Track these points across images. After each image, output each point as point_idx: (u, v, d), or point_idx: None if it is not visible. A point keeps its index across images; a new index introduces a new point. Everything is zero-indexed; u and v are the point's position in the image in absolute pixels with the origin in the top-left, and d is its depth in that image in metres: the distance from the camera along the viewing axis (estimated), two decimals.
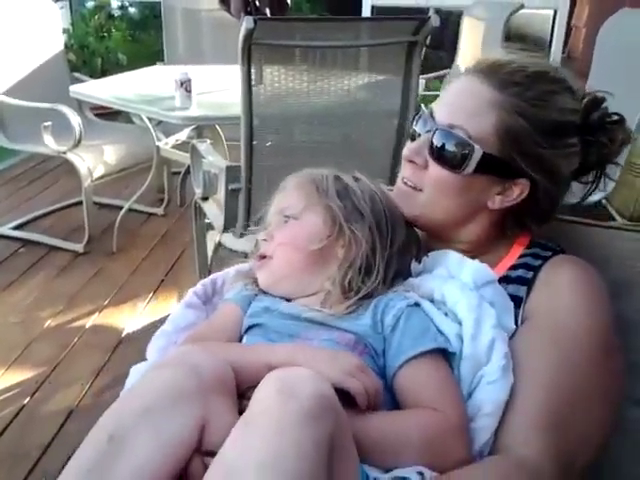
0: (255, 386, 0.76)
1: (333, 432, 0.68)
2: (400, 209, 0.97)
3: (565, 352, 0.86)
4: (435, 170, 0.94)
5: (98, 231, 3.25)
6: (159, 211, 3.59)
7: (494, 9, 3.60)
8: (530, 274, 0.94)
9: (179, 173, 3.58)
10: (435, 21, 1.96)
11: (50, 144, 2.97)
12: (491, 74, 0.92)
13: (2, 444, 1.94)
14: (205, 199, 2.27)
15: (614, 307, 0.91)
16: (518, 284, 0.93)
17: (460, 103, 0.93)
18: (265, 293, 0.97)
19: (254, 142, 2.01)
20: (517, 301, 0.91)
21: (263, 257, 0.97)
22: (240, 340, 0.94)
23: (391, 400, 0.83)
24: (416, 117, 0.99)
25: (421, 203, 0.96)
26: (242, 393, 0.81)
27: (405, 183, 0.97)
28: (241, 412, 0.76)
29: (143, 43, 5.71)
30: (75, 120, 2.92)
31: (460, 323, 0.87)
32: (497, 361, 0.83)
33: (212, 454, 0.72)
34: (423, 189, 0.95)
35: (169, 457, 0.72)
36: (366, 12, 4.73)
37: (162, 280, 2.91)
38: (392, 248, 0.93)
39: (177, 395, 0.74)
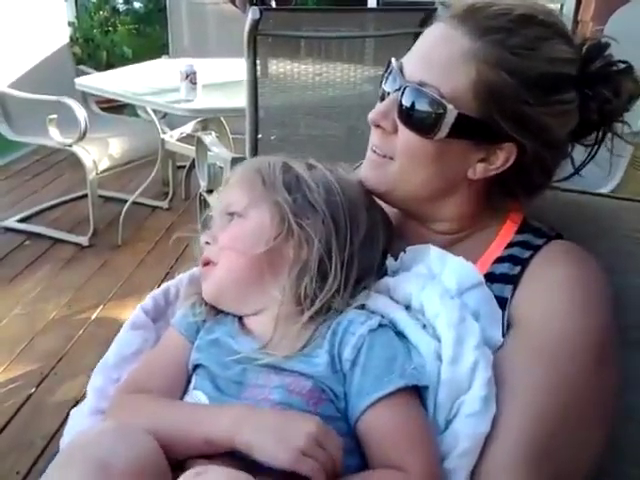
0: (193, 457, 0.68)
1: None
2: (368, 184, 0.85)
3: (556, 369, 0.75)
4: (405, 135, 0.81)
5: (103, 224, 3.25)
6: (164, 204, 3.59)
7: None
8: (517, 269, 0.82)
9: (184, 167, 3.57)
10: (442, 12, 1.95)
11: (55, 137, 2.97)
12: (468, 19, 0.78)
13: (8, 434, 1.95)
14: (210, 192, 2.26)
15: (619, 280, 0.84)
16: (503, 283, 0.82)
17: (432, 55, 0.79)
18: (216, 313, 0.86)
19: (259, 135, 2.01)
20: (501, 302, 0.80)
21: (207, 263, 0.85)
22: (188, 379, 0.83)
23: (356, 447, 0.73)
24: (385, 74, 0.85)
25: (392, 174, 0.83)
26: (179, 464, 0.70)
27: (374, 152, 0.85)
28: None
29: (148, 37, 5.71)
30: (80, 113, 2.92)
31: (440, 340, 0.76)
32: (478, 390, 0.73)
33: None
34: (394, 157, 0.83)
35: None
36: (372, 4, 4.73)
37: (167, 273, 2.90)
38: (352, 245, 0.81)
39: None
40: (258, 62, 1.92)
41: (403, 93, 0.80)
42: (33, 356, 2.32)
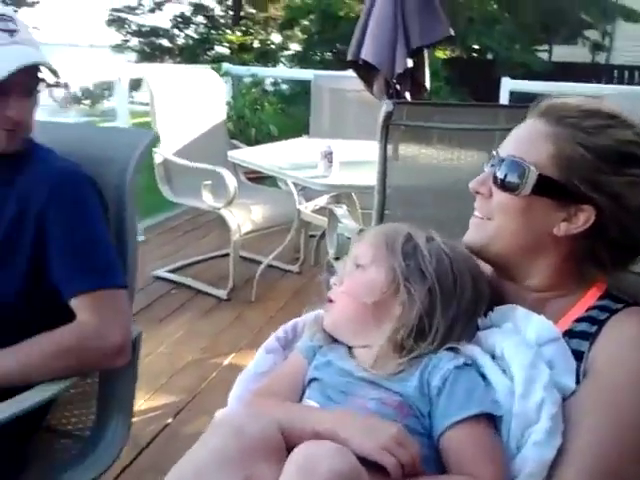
0: None
1: None
2: (468, 243, 1.01)
3: (620, 413, 0.86)
4: (498, 195, 0.98)
5: (241, 281, 3.55)
6: (295, 268, 3.85)
7: (634, 99, 3.59)
8: (594, 328, 0.93)
9: (315, 236, 3.84)
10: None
11: (208, 200, 3.34)
12: (547, 113, 0.97)
13: (147, 456, 2.20)
14: (337, 259, 2.48)
15: None
16: (581, 339, 0.93)
17: (519, 139, 0.99)
18: (332, 342, 1.03)
19: (386, 211, 2.20)
20: (579, 356, 0.92)
21: (330, 300, 1.03)
22: (303, 391, 1.02)
23: (438, 460, 0.88)
24: (487, 163, 1.04)
25: (490, 231, 0.99)
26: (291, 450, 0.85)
27: (476, 216, 1.02)
28: None
29: (292, 117, 6.11)
30: (231, 181, 3.28)
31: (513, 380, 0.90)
32: (544, 422, 0.85)
33: None
34: (492, 217, 0.99)
35: None
36: (504, 95, 4.89)
37: None
38: (458, 308, 0.95)
39: (222, 459, 0.80)
40: (389, 147, 2.13)
41: (496, 165, 0.99)
42: (172, 390, 2.60)
